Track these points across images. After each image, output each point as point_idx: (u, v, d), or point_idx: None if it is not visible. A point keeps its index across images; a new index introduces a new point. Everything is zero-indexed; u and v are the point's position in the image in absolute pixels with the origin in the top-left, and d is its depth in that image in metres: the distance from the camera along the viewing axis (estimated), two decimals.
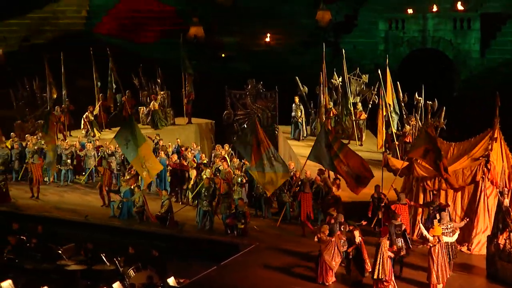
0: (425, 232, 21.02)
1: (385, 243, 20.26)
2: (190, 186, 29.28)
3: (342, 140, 33.87)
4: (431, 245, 20.50)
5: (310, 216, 26.02)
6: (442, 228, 21.18)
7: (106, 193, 29.36)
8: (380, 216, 24.39)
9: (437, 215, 22.28)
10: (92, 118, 36.25)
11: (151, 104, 37.40)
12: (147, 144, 28.36)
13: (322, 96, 33.49)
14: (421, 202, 24.28)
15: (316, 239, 21.46)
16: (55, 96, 36.54)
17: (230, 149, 31.76)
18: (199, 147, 33.29)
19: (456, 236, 21.63)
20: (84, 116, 36.33)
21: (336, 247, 21.24)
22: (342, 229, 22.04)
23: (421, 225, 21.83)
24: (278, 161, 26.35)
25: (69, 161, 32.49)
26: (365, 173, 25.28)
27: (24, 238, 23.84)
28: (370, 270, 20.64)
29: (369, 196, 25.21)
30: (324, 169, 26.76)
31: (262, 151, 26.20)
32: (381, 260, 20.08)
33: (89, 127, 36.12)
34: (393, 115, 32.17)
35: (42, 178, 31.49)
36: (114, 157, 31.31)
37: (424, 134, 24.24)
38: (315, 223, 26.03)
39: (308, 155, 26.60)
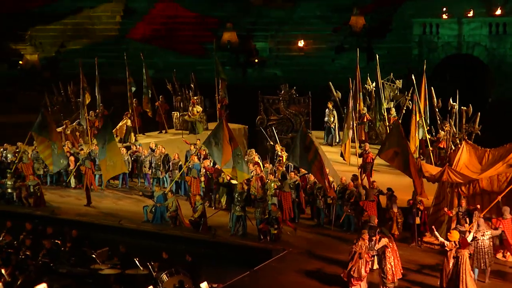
0: (440, 238, 20.80)
1: (466, 255, 20.09)
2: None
3: (376, 145, 33.88)
4: (447, 249, 20.29)
5: (290, 214, 26.55)
6: (480, 235, 21.08)
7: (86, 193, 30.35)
8: (417, 222, 24.29)
9: (467, 219, 22.19)
10: (130, 124, 36.44)
11: (191, 109, 37.39)
12: (114, 143, 29.09)
13: (351, 101, 33.24)
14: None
15: (354, 242, 21.34)
16: (88, 101, 36.72)
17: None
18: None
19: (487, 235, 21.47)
20: (122, 123, 36.42)
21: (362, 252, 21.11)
22: (372, 233, 21.87)
23: (435, 231, 21.59)
24: (243, 161, 27.07)
25: None
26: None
27: (59, 242, 24.01)
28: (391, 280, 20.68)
29: (406, 202, 25.04)
30: (357, 174, 26.69)
31: (232, 148, 26.81)
32: (464, 276, 19.93)
33: (118, 133, 36.27)
34: (422, 121, 31.92)
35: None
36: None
37: (393, 135, 24.80)
38: (349, 229, 25.98)
39: (287, 157, 27.29)
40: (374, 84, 34.33)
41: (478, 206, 23.26)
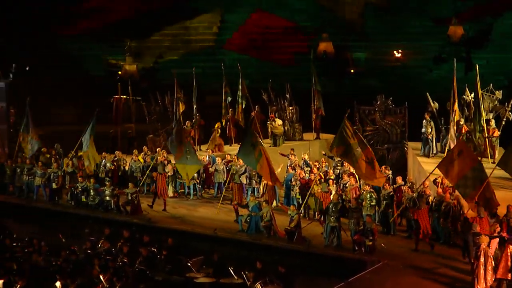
0: None
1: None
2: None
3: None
4: None
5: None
6: None
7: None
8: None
9: None
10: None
11: (272, 123, 37.47)
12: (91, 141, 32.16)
13: (452, 113, 32.72)
14: None
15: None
16: (181, 110, 37.21)
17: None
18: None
19: None
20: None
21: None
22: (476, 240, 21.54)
23: None
24: (192, 155, 30.00)
25: (195, 175, 32.79)
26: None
27: (155, 250, 24.36)
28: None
29: (502, 216, 24.43)
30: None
31: (183, 147, 29.81)
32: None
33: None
34: None
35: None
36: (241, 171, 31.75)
37: (341, 133, 26.39)
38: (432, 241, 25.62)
39: (237, 152, 29.30)
40: (472, 95, 33.69)
41: None
